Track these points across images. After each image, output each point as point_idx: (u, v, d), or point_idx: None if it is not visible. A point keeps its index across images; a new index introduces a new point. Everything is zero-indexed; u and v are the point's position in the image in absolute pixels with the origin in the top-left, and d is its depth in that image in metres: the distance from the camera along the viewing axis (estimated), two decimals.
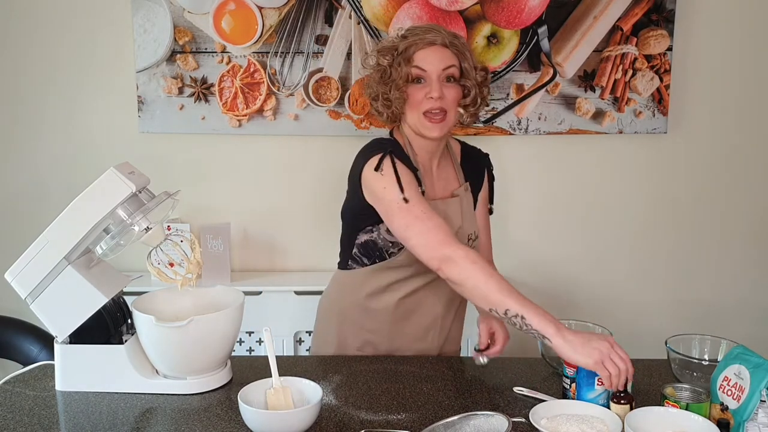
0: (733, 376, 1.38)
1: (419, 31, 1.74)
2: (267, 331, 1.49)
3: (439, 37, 1.72)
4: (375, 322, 1.82)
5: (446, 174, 1.84)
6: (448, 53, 1.72)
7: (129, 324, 1.65)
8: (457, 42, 1.74)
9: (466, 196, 1.83)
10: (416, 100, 1.71)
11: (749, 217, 2.81)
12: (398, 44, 1.74)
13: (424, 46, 1.71)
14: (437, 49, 1.71)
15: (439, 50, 1.71)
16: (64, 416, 1.48)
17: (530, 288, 2.83)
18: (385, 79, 1.74)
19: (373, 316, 1.82)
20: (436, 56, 1.71)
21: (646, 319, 2.84)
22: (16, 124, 2.74)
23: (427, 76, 1.71)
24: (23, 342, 2.43)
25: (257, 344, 2.70)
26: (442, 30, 1.74)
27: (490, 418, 1.31)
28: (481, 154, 1.93)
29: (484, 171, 1.92)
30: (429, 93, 1.69)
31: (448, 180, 1.83)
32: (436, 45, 1.71)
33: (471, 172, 1.88)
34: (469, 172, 1.87)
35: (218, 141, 2.74)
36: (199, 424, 1.43)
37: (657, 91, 2.67)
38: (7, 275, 1.54)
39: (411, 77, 1.71)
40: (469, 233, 1.80)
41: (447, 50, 1.72)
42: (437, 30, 1.73)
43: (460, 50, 1.74)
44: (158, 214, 1.58)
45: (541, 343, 1.69)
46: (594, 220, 2.81)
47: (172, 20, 2.62)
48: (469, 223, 1.82)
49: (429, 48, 1.71)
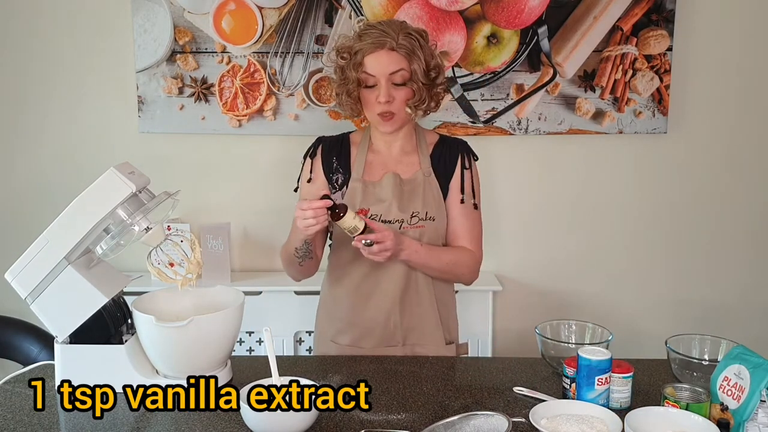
0: (733, 376, 1.38)
1: (371, 33, 1.76)
2: (267, 331, 1.49)
3: (386, 40, 1.74)
4: (340, 309, 1.90)
5: (408, 160, 1.89)
6: (395, 56, 1.75)
7: (129, 324, 1.65)
8: (406, 42, 1.75)
9: (426, 180, 1.85)
10: (369, 102, 1.81)
11: (749, 217, 2.81)
12: (353, 45, 1.78)
13: (373, 50, 1.75)
14: (385, 53, 1.75)
15: (386, 54, 1.75)
16: (64, 416, 1.48)
17: (530, 288, 2.84)
18: (342, 79, 1.83)
19: (338, 303, 1.90)
20: (384, 60, 1.75)
21: (646, 319, 2.84)
22: (16, 124, 2.75)
23: (376, 80, 1.77)
24: (23, 342, 2.43)
25: (257, 344, 2.70)
26: (392, 30, 1.75)
27: (490, 418, 1.31)
28: (456, 143, 1.94)
29: (456, 157, 1.90)
30: (378, 97, 1.77)
31: (408, 164, 1.88)
32: (384, 49, 1.75)
33: (440, 161, 1.89)
34: (437, 160, 1.89)
35: (218, 141, 2.74)
36: (199, 424, 1.43)
37: (657, 91, 2.67)
38: (7, 275, 1.54)
39: (361, 82, 1.79)
40: (414, 211, 1.83)
41: (394, 53, 1.75)
42: (386, 31, 1.75)
43: (410, 51, 1.75)
44: (158, 214, 1.58)
45: (540, 343, 1.69)
46: (594, 220, 2.81)
47: (172, 20, 2.62)
48: (415, 203, 1.83)
49: (377, 52, 1.75)
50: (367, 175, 1.87)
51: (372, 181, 1.86)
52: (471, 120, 2.69)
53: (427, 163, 1.88)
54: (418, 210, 1.83)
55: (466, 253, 1.88)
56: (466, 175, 1.89)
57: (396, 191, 1.83)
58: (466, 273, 1.88)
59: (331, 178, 1.89)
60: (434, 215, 1.84)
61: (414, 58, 1.76)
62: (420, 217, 1.83)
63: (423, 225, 1.83)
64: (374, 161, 1.89)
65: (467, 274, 1.89)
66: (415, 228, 1.82)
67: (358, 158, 1.89)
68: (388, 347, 1.86)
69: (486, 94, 2.67)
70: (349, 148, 1.92)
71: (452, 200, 1.88)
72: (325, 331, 1.95)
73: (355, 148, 1.91)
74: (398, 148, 1.90)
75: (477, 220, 1.91)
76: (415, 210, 1.83)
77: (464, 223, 1.88)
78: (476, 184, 1.91)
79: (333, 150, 1.91)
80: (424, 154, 1.89)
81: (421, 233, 1.83)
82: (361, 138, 1.92)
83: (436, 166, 1.88)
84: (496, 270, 2.80)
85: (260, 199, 2.78)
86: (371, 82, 1.78)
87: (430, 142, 1.92)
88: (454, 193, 1.88)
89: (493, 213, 2.79)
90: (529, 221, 2.81)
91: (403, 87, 1.78)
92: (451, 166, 1.89)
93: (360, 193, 1.84)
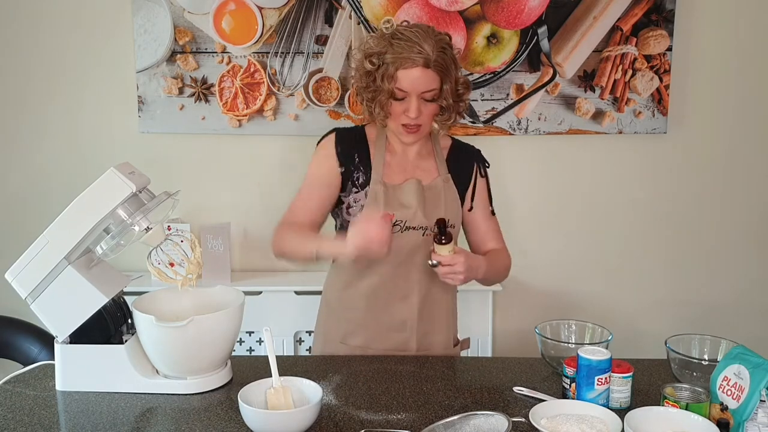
0: (732, 376, 1.38)
1: (405, 43, 1.69)
2: (267, 331, 1.49)
3: (422, 57, 1.68)
4: (352, 311, 1.86)
5: (426, 165, 1.87)
6: (430, 75, 1.71)
7: (129, 324, 1.65)
8: (441, 59, 1.71)
9: (446, 187, 1.84)
10: (396, 113, 1.77)
11: (749, 217, 2.81)
12: (384, 52, 1.72)
13: (408, 66, 1.69)
14: (419, 70, 1.70)
15: (420, 72, 1.70)
16: (64, 416, 1.48)
17: (530, 288, 2.84)
18: (369, 84, 1.78)
19: (349, 305, 1.86)
20: (418, 78, 1.71)
21: (646, 319, 2.84)
22: (16, 124, 2.75)
23: (408, 95, 1.74)
24: (23, 342, 2.43)
25: (257, 344, 2.70)
26: (427, 43, 1.69)
27: (490, 418, 1.31)
28: (471, 150, 1.94)
29: (472, 166, 1.91)
30: (407, 111, 1.74)
31: (426, 170, 1.86)
32: (419, 66, 1.70)
33: (456, 166, 1.89)
34: (453, 166, 1.88)
35: (218, 141, 2.74)
36: (199, 424, 1.43)
37: (657, 91, 2.67)
38: (7, 275, 1.54)
39: (392, 95, 1.75)
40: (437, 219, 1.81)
41: (429, 71, 1.70)
42: (421, 45, 1.68)
43: (444, 67, 1.72)
44: (158, 214, 1.58)
45: (540, 343, 1.69)
46: (594, 220, 2.81)
47: (172, 20, 2.62)
48: (438, 210, 1.81)
49: (412, 69, 1.70)
50: (387, 177, 1.83)
51: (392, 184, 1.82)
52: (471, 120, 2.69)
53: (444, 170, 1.86)
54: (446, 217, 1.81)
55: (505, 254, 1.93)
56: (480, 183, 1.91)
57: (420, 197, 1.80)
58: (506, 273, 1.93)
59: (352, 175, 1.83)
60: (455, 222, 1.84)
61: (447, 77, 1.73)
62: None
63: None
64: (392, 163, 1.85)
65: (506, 275, 1.93)
66: None
67: (377, 158, 1.84)
68: (399, 351, 1.84)
69: (486, 94, 2.68)
70: (366, 145, 1.87)
71: (481, 215, 1.91)
72: (332, 332, 1.90)
73: (372, 146, 1.86)
74: (415, 152, 1.87)
75: (498, 225, 1.96)
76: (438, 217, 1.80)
77: (492, 225, 1.93)
78: (492, 190, 1.96)
79: (351, 145, 1.85)
80: (441, 160, 1.88)
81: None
82: (376, 135, 1.87)
83: (452, 171, 1.87)
84: None
85: (260, 199, 2.78)
86: (401, 96, 1.73)
87: (444, 146, 1.91)
88: (480, 202, 1.91)
89: None
90: (529, 221, 2.80)
91: (432, 102, 1.75)
92: (466, 175, 1.89)
93: (383, 197, 1.80)
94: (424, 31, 1.72)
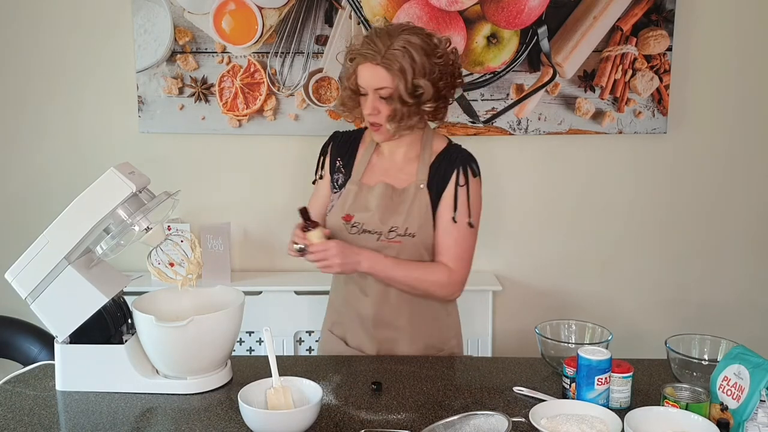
0: (732, 376, 1.38)
1: (365, 41, 1.74)
2: (267, 331, 1.49)
3: (372, 54, 1.70)
4: (336, 299, 1.95)
5: (409, 168, 1.85)
6: (381, 72, 1.70)
7: (129, 324, 1.65)
8: (393, 57, 1.68)
9: (417, 193, 1.80)
10: (362, 110, 1.80)
11: (749, 217, 2.81)
12: (352, 50, 1.78)
13: (362, 61, 1.73)
14: (370, 66, 1.72)
15: (371, 69, 1.72)
16: (64, 416, 1.48)
17: (530, 288, 2.84)
18: (343, 81, 1.84)
19: (336, 293, 1.95)
20: (369, 74, 1.73)
21: (646, 319, 2.84)
22: (16, 124, 2.75)
23: (365, 91, 1.76)
24: (23, 342, 2.43)
25: (257, 344, 2.70)
26: (382, 40, 1.70)
27: (490, 418, 1.31)
28: (457, 156, 1.83)
29: (452, 174, 1.80)
30: (364, 107, 1.77)
31: (407, 174, 1.84)
32: (368, 62, 1.71)
33: (438, 172, 1.82)
34: (436, 172, 1.82)
35: (218, 141, 2.74)
36: (199, 424, 1.43)
37: (657, 91, 2.67)
38: (7, 275, 1.55)
39: (354, 91, 1.79)
40: (393, 225, 1.79)
41: (380, 68, 1.70)
42: (375, 43, 1.70)
43: (394, 67, 1.69)
44: (158, 214, 1.58)
45: (540, 343, 1.69)
46: (594, 220, 2.81)
47: (172, 20, 2.62)
48: (397, 217, 1.79)
49: (365, 64, 1.73)
50: (366, 178, 1.86)
51: (368, 185, 1.84)
52: (471, 120, 2.69)
53: (424, 175, 1.81)
54: (398, 225, 1.78)
55: (441, 270, 1.79)
56: (460, 192, 1.80)
57: (383, 201, 1.80)
58: (437, 290, 1.81)
59: (333, 177, 1.91)
60: (415, 232, 1.78)
61: (398, 76, 1.70)
62: (398, 232, 1.78)
63: (400, 241, 1.78)
64: (377, 165, 1.88)
65: (438, 291, 1.81)
66: (392, 242, 1.79)
67: (362, 159, 1.88)
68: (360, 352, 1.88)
69: (486, 94, 2.67)
70: (357, 147, 1.91)
71: (440, 216, 1.80)
72: (327, 318, 1.99)
73: (363, 148, 1.90)
74: (402, 155, 1.86)
75: (464, 238, 1.80)
76: (394, 225, 1.78)
77: (447, 239, 1.80)
78: (473, 201, 1.81)
79: (342, 148, 1.92)
80: (425, 164, 1.83)
81: (399, 249, 1.79)
82: (370, 138, 1.90)
83: (433, 177, 1.81)
84: (496, 270, 2.81)
85: (260, 199, 2.78)
86: (363, 92, 1.77)
87: (435, 150, 1.85)
88: (444, 209, 1.80)
89: (493, 213, 2.79)
90: (529, 221, 2.80)
91: (390, 101, 1.74)
92: (445, 182, 1.81)
93: (352, 197, 1.84)
94: (390, 32, 1.72)
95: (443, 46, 1.77)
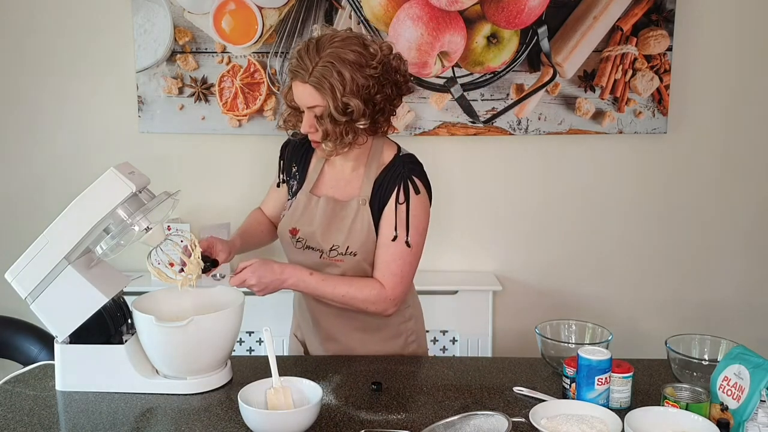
0: (733, 376, 1.38)
1: (294, 59, 1.64)
2: (267, 331, 1.49)
3: (302, 73, 1.61)
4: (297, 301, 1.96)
5: (356, 182, 1.77)
6: (310, 90, 1.61)
7: (129, 324, 1.65)
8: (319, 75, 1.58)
9: (359, 210, 1.73)
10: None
11: (749, 217, 2.81)
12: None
13: (294, 78, 1.64)
14: (299, 84, 1.63)
15: (301, 87, 1.63)
16: (64, 416, 1.48)
17: (530, 288, 2.84)
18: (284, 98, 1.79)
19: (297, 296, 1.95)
20: (301, 92, 1.64)
21: (646, 319, 2.84)
22: (16, 123, 2.75)
23: (303, 108, 1.68)
24: (23, 342, 2.43)
25: (257, 344, 2.70)
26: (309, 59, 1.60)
27: (490, 418, 1.31)
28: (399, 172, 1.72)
29: (392, 191, 1.71)
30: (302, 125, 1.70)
31: (353, 187, 1.77)
32: (297, 80, 1.63)
33: (382, 187, 1.73)
34: (380, 187, 1.73)
35: (218, 141, 2.74)
36: (199, 424, 1.43)
37: (657, 91, 2.67)
38: (7, 275, 1.54)
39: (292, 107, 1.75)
40: (334, 244, 1.73)
41: (308, 86, 1.61)
42: (303, 60, 1.60)
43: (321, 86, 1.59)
44: (158, 214, 1.58)
45: (540, 343, 1.69)
46: (594, 220, 2.81)
47: (172, 20, 2.62)
48: (338, 235, 1.73)
49: (296, 82, 1.64)
50: (317, 188, 1.80)
51: (316, 196, 1.78)
52: (471, 120, 2.69)
53: (367, 191, 1.73)
54: (338, 244, 1.72)
55: (372, 287, 1.71)
56: (399, 210, 1.70)
57: (325, 218, 1.74)
58: (369, 307, 1.73)
59: (288, 183, 1.88)
60: (357, 250, 1.72)
61: (327, 94, 1.60)
62: (339, 251, 1.72)
63: (342, 260, 1.73)
64: (327, 174, 1.81)
65: (370, 308, 1.73)
66: (333, 261, 1.73)
67: (315, 168, 1.82)
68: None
69: (486, 94, 2.67)
70: (310, 155, 1.84)
71: (380, 233, 1.73)
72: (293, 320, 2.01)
73: (316, 156, 1.83)
74: (350, 167, 1.78)
75: (401, 256, 1.71)
76: (336, 243, 1.72)
77: (384, 256, 1.72)
78: (413, 219, 1.71)
79: (296, 154, 1.86)
80: (370, 178, 1.73)
81: (343, 268, 1.73)
82: None
83: (376, 193, 1.73)
84: (496, 270, 2.81)
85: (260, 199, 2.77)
86: (301, 109, 1.69)
87: (383, 162, 1.75)
88: (384, 226, 1.72)
89: (492, 213, 2.80)
90: (529, 221, 2.80)
91: (321, 120, 1.64)
92: (386, 199, 1.72)
93: (300, 210, 1.79)
94: (319, 43, 1.62)
95: (381, 54, 1.64)
